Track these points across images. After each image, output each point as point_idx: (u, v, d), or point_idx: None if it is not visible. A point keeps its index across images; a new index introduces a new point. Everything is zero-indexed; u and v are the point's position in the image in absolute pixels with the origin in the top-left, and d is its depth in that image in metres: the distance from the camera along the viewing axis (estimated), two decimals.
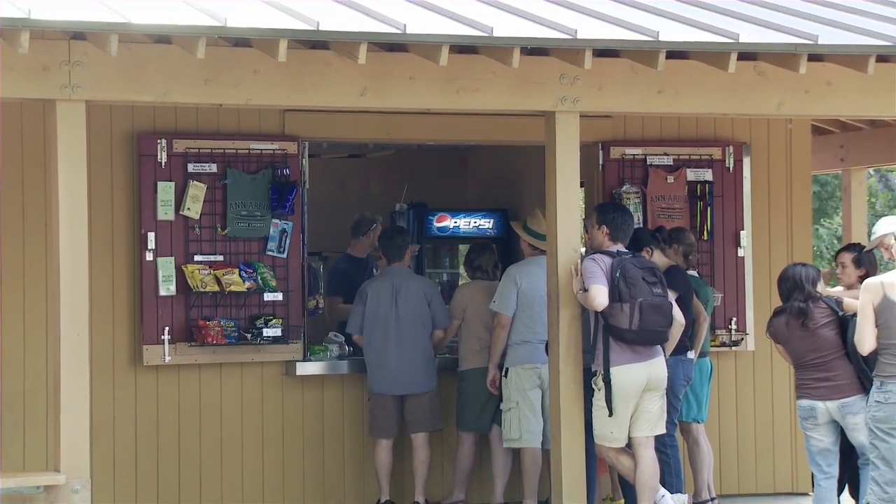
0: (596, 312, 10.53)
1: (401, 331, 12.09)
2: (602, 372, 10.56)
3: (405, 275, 12.35)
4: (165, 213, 11.81)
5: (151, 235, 11.76)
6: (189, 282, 11.80)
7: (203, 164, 11.92)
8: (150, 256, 11.74)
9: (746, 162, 13.18)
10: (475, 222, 14.71)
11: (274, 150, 12.10)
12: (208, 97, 10.11)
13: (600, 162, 12.82)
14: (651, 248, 11.44)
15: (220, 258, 11.95)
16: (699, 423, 12.25)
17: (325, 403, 12.28)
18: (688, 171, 13.01)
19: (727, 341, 12.97)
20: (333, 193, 14.57)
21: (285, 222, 12.10)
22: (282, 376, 12.13)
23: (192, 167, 11.88)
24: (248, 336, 11.89)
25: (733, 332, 13.01)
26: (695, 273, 12.12)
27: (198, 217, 11.89)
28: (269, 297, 12.01)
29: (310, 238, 12.41)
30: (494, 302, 11.94)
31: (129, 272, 11.80)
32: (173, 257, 11.83)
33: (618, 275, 10.51)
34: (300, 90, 10.17)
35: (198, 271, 11.85)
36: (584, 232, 11.24)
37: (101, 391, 10.99)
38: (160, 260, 11.79)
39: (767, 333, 10.74)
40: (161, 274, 11.78)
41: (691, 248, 12.12)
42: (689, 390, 11.90)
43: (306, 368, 12.18)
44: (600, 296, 10.42)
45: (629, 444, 10.70)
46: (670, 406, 11.11)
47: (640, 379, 10.60)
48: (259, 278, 11.98)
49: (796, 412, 10.57)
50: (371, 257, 13.43)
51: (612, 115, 12.33)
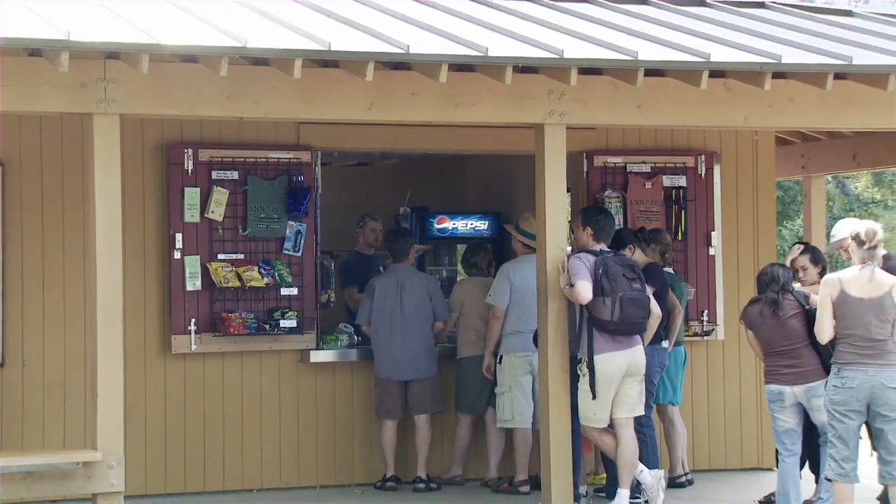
0: (581, 305, 10.51)
1: (405, 322, 12.08)
2: (586, 359, 10.54)
3: (409, 272, 12.35)
4: (192, 215, 11.80)
5: (179, 236, 11.74)
6: (213, 278, 11.78)
7: (225, 172, 11.90)
8: (177, 255, 11.72)
9: (717, 169, 13.16)
10: (472, 224, 14.70)
11: (290, 158, 12.09)
12: (230, 111, 10.09)
13: (585, 169, 12.80)
14: (633, 247, 11.44)
15: (241, 256, 11.94)
16: (674, 405, 12.25)
17: (336, 388, 12.26)
18: (664, 177, 13.00)
19: (699, 332, 12.95)
20: (343, 198, 14.54)
21: (300, 224, 12.09)
22: (297, 363, 12.12)
23: (215, 174, 11.87)
24: (267, 327, 11.87)
25: (705, 324, 12.99)
26: (670, 270, 12.11)
27: (221, 219, 11.88)
28: (285, 291, 12.00)
29: (322, 238, 12.38)
30: (490, 296, 11.93)
31: (158, 269, 11.78)
32: (199, 256, 11.81)
33: (600, 271, 10.50)
34: (313, 105, 10.15)
35: (221, 268, 11.83)
36: (570, 233, 11.22)
37: (133, 377, 10.96)
38: (187, 258, 11.77)
39: (741, 320, 10.72)
40: (188, 271, 11.76)
41: (667, 248, 12.12)
42: (664, 375, 11.89)
43: (319, 356, 12.16)
44: (585, 290, 10.41)
45: (611, 425, 10.69)
46: (647, 390, 11.09)
47: (621, 366, 10.58)
48: (276, 275, 11.97)
49: (762, 395, 10.56)
50: (378, 255, 13.40)
51: (595, 127, 12.31)
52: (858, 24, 12.57)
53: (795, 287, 10.61)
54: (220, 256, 11.87)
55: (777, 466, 10.52)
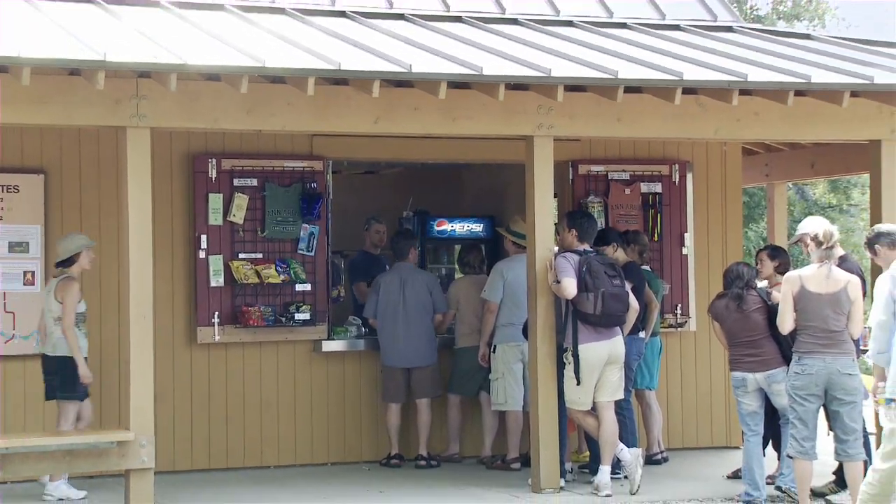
0: (566, 300, 10.52)
1: (408, 315, 12.07)
2: (571, 348, 10.55)
3: (411, 270, 12.34)
4: (215, 219, 11.78)
5: (204, 237, 11.73)
6: (234, 275, 11.77)
7: (245, 179, 11.88)
8: (202, 255, 11.71)
9: (689, 177, 13.14)
10: (468, 226, 14.66)
11: (303, 167, 12.07)
12: (250, 125, 10.11)
13: (570, 177, 12.78)
14: (616, 245, 11.47)
15: (260, 256, 11.92)
16: (651, 390, 12.24)
17: (346, 375, 12.25)
18: (641, 184, 12.98)
19: (674, 323, 12.94)
20: (352, 203, 14.50)
21: (313, 226, 12.07)
22: (310, 353, 12.10)
23: (236, 181, 11.85)
24: (283, 319, 11.86)
25: (679, 316, 12.98)
26: (647, 268, 12.10)
27: (241, 222, 11.86)
28: (299, 287, 11.99)
29: (333, 239, 12.36)
30: (485, 291, 11.92)
31: (185, 267, 11.77)
32: (222, 255, 11.80)
33: (584, 269, 10.50)
34: (325, 119, 10.16)
35: (242, 266, 11.82)
36: (556, 234, 11.22)
37: (162, 365, 10.98)
38: (211, 257, 11.76)
39: (709, 313, 10.70)
40: (211, 269, 11.75)
41: (645, 248, 12.11)
42: (642, 363, 11.88)
43: (330, 346, 12.14)
44: (570, 287, 10.41)
45: (594, 408, 10.69)
46: (626, 376, 11.09)
47: (603, 354, 10.58)
48: (291, 272, 11.96)
49: (729, 381, 10.55)
50: (384, 255, 13.39)
51: (580, 138, 12.30)
52: (816, 47, 12.58)
53: (758, 284, 10.61)
54: (241, 255, 11.86)
55: (742, 445, 10.51)
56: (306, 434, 12.05)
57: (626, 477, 10.75)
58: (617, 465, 10.81)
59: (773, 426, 10.62)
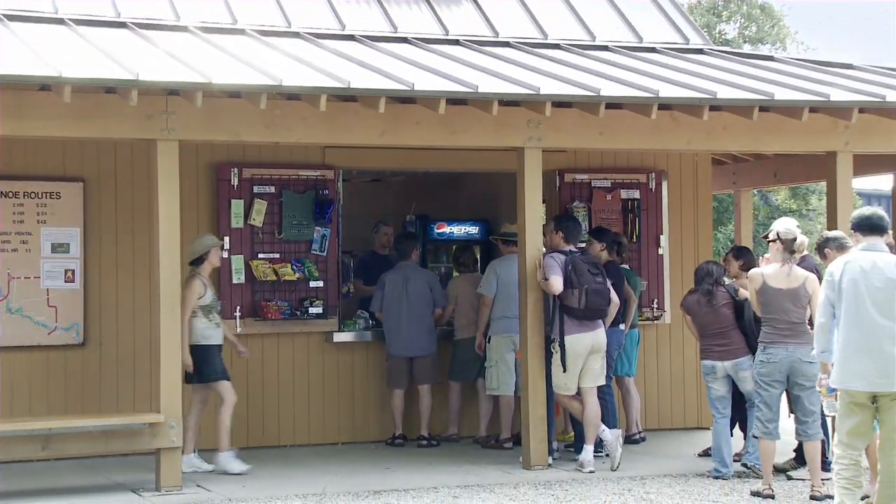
0: (554, 296, 10.52)
1: (410, 309, 12.07)
2: (558, 339, 10.55)
3: (413, 268, 12.34)
4: (237, 222, 11.78)
5: (227, 239, 11.72)
6: (254, 273, 11.77)
7: (264, 187, 11.88)
8: (225, 254, 11.69)
9: (664, 185, 13.15)
10: (465, 229, 14.65)
11: (317, 176, 12.07)
12: (268, 137, 10.11)
13: (557, 185, 12.78)
14: (604, 246, 11.51)
15: (277, 256, 11.92)
16: (630, 376, 12.24)
17: (355, 363, 12.25)
18: (621, 191, 12.98)
19: (651, 317, 12.94)
20: (361, 208, 14.49)
21: (325, 229, 12.07)
22: (322, 343, 12.10)
23: (256, 188, 11.85)
24: (298, 313, 11.86)
25: (655, 310, 12.99)
26: (626, 266, 12.10)
27: (261, 225, 11.86)
28: (313, 284, 11.98)
29: (343, 241, 12.36)
30: (480, 287, 11.92)
31: None
32: (243, 255, 11.80)
33: (570, 268, 10.50)
34: (336, 132, 10.16)
35: (261, 265, 11.82)
36: (544, 236, 11.22)
37: None
38: (233, 257, 11.76)
39: (681, 307, 10.71)
40: (234, 267, 11.75)
41: (624, 248, 12.12)
42: (622, 352, 11.88)
43: (341, 337, 12.14)
44: (557, 283, 10.42)
45: (578, 392, 10.69)
46: (607, 364, 11.09)
47: (586, 344, 10.58)
48: (306, 270, 11.96)
49: (701, 369, 10.56)
50: (391, 255, 13.39)
51: (566, 150, 12.30)
52: (778, 67, 12.59)
53: (726, 281, 10.61)
54: (260, 255, 11.86)
55: (712, 426, 10.51)
56: (319, 416, 12.05)
57: (607, 455, 10.76)
58: (599, 445, 10.81)
59: (740, 409, 10.62)
